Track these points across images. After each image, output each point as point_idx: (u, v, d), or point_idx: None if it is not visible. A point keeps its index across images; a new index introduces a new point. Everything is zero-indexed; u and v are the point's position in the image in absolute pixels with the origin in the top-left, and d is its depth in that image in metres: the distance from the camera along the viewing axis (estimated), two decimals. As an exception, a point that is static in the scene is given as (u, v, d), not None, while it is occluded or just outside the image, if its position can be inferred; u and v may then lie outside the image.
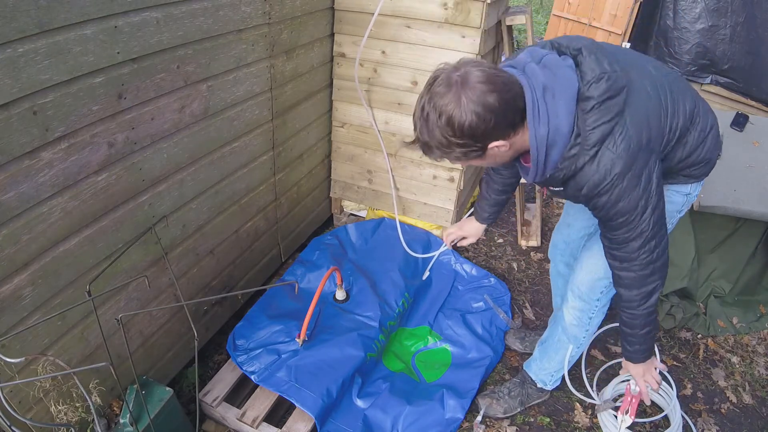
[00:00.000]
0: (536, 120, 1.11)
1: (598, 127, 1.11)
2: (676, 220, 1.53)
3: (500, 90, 1.05)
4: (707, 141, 1.35)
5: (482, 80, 1.04)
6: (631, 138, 1.13)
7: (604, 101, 1.10)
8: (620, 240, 1.27)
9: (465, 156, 1.13)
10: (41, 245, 1.25)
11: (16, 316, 1.23)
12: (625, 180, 1.15)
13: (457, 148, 1.10)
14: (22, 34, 1.06)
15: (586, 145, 1.12)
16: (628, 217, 1.21)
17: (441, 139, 1.09)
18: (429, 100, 1.08)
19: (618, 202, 1.18)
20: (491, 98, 1.04)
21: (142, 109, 1.43)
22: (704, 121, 1.34)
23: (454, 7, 2.10)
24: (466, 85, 1.04)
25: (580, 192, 1.20)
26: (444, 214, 2.57)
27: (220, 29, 1.63)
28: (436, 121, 1.06)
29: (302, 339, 1.87)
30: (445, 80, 1.06)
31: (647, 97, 1.20)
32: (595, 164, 1.14)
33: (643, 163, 1.16)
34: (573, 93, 1.11)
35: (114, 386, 1.57)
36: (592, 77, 1.11)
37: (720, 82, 2.59)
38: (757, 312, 2.51)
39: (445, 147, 1.10)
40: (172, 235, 1.70)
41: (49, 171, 1.21)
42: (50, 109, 1.17)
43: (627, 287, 1.36)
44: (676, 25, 2.64)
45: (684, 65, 2.63)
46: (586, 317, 1.70)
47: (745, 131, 2.43)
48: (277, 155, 2.18)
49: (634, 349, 1.50)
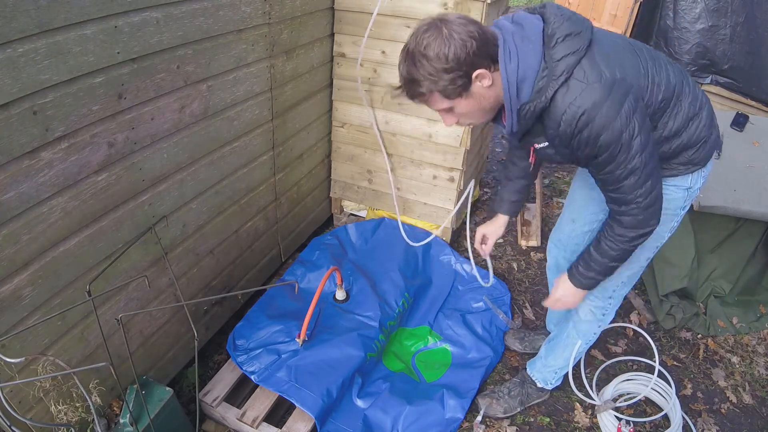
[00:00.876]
0: (506, 56, 1.16)
1: (563, 57, 1.14)
2: (680, 217, 1.51)
3: (477, 25, 1.14)
4: (701, 116, 1.35)
5: (461, 17, 1.13)
6: (603, 72, 1.15)
7: (567, 36, 1.15)
8: (612, 179, 1.26)
9: (452, 84, 1.13)
10: (41, 245, 1.25)
11: (16, 316, 1.23)
12: (604, 109, 1.13)
13: (445, 75, 1.11)
14: (22, 34, 1.06)
15: (553, 76, 1.15)
16: (613, 150, 1.18)
17: (429, 68, 1.11)
18: (414, 39, 1.13)
19: (599, 135, 1.16)
20: (471, 27, 1.12)
21: (142, 109, 1.43)
22: (695, 93, 1.35)
23: (454, 8, 2.10)
24: (446, 21, 1.11)
25: (559, 129, 1.19)
26: (444, 214, 2.57)
27: (220, 29, 1.63)
28: (422, 51, 1.10)
29: (302, 339, 1.87)
30: (426, 22, 1.13)
31: (618, 47, 1.24)
32: (567, 93, 1.14)
33: (621, 96, 1.15)
34: (539, 33, 1.18)
35: (114, 386, 1.57)
36: (555, 21, 1.18)
37: (720, 82, 2.59)
38: (757, 312, 2.51)
39: (432, 77, 1.12)
40: (172, 235, 1.70)
41: (49, 171, 1.21)
42: (50, 109, 1.17)
43: (626, 227, 1.34)
44: (676, 25, 2.64)
45: (684, 65, 2.63)
46: (600, 313, 1.71)
47: (745, 131, 2.43)
48: (277, 155, 2.18)
49: (588, 274, 1.46)
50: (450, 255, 2.49)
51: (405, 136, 2.45)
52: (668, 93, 1.28)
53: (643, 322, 2.46)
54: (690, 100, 1.32)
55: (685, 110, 1.32)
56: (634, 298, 2.59)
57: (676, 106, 1.31)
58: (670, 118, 1.31)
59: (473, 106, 1.21)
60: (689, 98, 1.32)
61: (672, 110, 1.31)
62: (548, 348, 1.92)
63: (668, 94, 1.28)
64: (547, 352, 1.92)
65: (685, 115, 1.32)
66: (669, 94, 1.28)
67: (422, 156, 2.47)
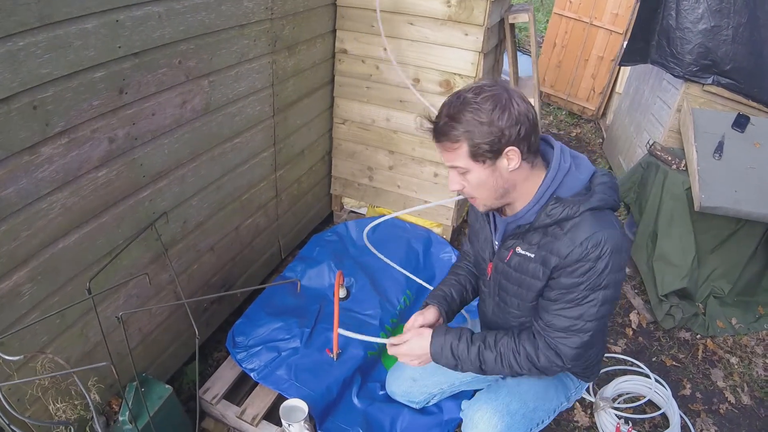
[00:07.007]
0: (562, 157, 1.19)
1: (604, 197, 1.16)
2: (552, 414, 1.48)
3: (534, 113, 1.13)
4: None
5: (525, 98, 1.13)
6: (624, 241, 1.16)
7: (611, 191, 1.19)
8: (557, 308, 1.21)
9: (484, 145, 1.09)
10: (41, 241, 1.23)
11: (15, 313, 1.22)
12: (613, 257, 1.12)
13: (484, 132, 1.08)
14: (23, 28, 1.04)
15: (591, 201, 1.14)
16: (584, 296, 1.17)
17: (475, 119, 1.08)
18: (474, 89, 1.11)
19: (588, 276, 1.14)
20: (531, 110, 1.11)
21: (144, 104, 1.42)
22: None
23: (458, 5, 2.09)
24: (511, 92, 1.11)
25: (557, 249, 1.15)
26: (445, 212, 2.56)
27: (222, 24, 1.61)
28: (478, 102, 1.08)
29: (336, 353, 1.84)
30: (492, 83, 1.14)
31: None
32: (593, 224, 1.13)
33: (623, 264, 1.17)
34: (591, 169, 1.22)
35: (113, 384, 1.55)
36: (604, 175, 1.22)
37: (722, 82, 2.57)
38: (756, 313, 2.51)
39: (473, 128, 1.08)
40: (172, 232, 1.68)
41: (49, 166, 1.20)
42: (50, 103, 1.15)
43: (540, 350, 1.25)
44: (678, 25, 2.63)
45: (686, 65, 2.62)
46: None
47: (746, 132, 2.43)
48: (278, 152, 2.16)
49: (454, 354, 1.30)
50: (450, 253, 2.48)
51: (406, 133, 2.44)
52: None
53: (643, 321, 2.47)
54: None
55: None
56: (633, 298, 2.60)
57: None
58: None
59: (488, 180, 1.15)
60: None
61: None
62: None
63: None
64: None
65: None
66: None
67: (423, 154, 2.46)
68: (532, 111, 1.11)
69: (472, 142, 1.10)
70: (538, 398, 1.41)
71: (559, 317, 1.21)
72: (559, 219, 1.15)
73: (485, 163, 1.13)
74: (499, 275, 1.34)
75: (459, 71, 2.22)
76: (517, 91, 1.12)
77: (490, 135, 1.08)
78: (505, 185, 1.17)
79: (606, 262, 1.12)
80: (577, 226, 1.14)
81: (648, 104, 3.24)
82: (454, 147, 1.12)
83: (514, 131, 1.08)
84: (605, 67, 4.48)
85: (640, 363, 2.16)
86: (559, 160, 1.18)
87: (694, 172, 2.28)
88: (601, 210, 1.15)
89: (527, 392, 1.41)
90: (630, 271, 2.77)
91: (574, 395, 1.51)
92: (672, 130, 2.78)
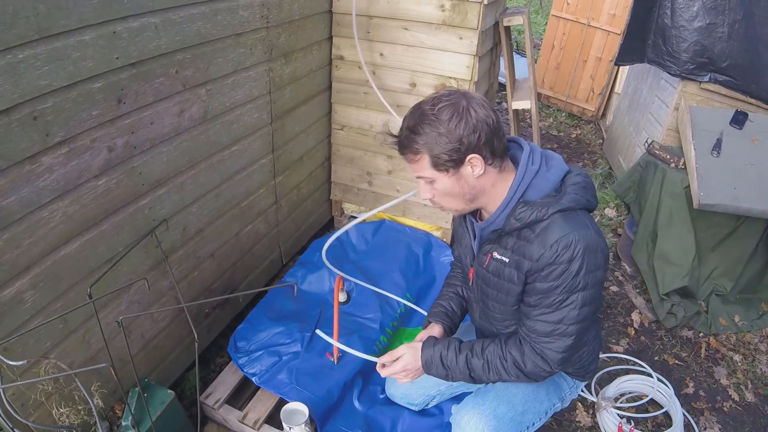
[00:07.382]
0: (530, 160, 1.18)
1: (576, 197, 1.15)
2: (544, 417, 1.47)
3: (497, 116, 1.12)
4: None
5: (485, 102, 1.12)
6: (599, 240, 1.14)
7: (584, 191, 1.17)
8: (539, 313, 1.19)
9: (445, 155, 1.10)
10: (42, 249, 1.26)
11: (17, 320, 1.24)
12: (586, 257, 1.11)
13: (443, 143, 1.09)
14: (22, 40, 1.07)
15: (561, 203, 1.13)
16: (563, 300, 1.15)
17: (433, 130, 1.09)
18: (431, 99, 1.12)
19: (563, 278, 1.12)
20: (491, 115, 1.11)
21: (142, 113, 1.44)
22: None
23: (451, 9, 2.11)
24: (470, 98, 1.11)
25: (529, 253, 1.14)
26: (443, 215, 2.57)
27: (218, 33, 1.64)
28: (435, 113, 1.09)
29: (336, 357, 1.87)
30: (450, 90, 1.13)
31: None
32: (564, 225, 1.11)
33: (599, 263, 1.14)
34: (564, 169, 1.21)
35: (116, 389, 1.57)
36: (578, 175, 1.21)
37: (719, 80, 2.58)
38: (758, 310, 2.50)
39: (431, 140, 1.10)
40: (172, 239, 1.70)
41: (49, 175, 1.22)
42: (50, 114, 1.18)
43: (526, 356, 1.23)
44: (673, 23, 2.64)
45: (682, 63, 2.62)
46: None
47: (744, 129, 2.42)
48: (277, 158, 2.19)
49: (443, 364, 1.30)
50: (450, 256, 2.49)
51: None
52: None
53: (645, 321, 2.46)
54: None
55: None
56: (635, 297, 2.59)
57: None
58: None
59: (454, 187, 1.16)
60: None
61: None
62: None
63: None
64: None
65: None
66: None
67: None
68: (492, 116, 1.11)
69: (432, 153, 1.11)
70: (527, 401, 1.40)
71: (541, 322, 1.20)
72: (528, 222, 1.15)
73: (449, 171, 1.14)
74: (480, 280, 1.34)
75: (455, 75, 2.24)
76: (478, 98, 1.11)
77: (449, 144, 1.09)
78: (473, 191, 1.18)
79: (580, 263, 1.11)
80: (546, 229, 1.13)
81: (646, 103, 3.25)
82: (416, 159, 1.14)
83: (473, 138, 1.09)
84: (604, 68, 4.49)
85: (642, 362, 2.15)
86: (527, 162, 1.18)
87: (693, 170, 2.28)
88: (573, 211, 1.14)
89: (515, 395, 1.40)
90: (631, 270, 2.76)
91: (570, 395, 1.51)
92: (670, 128, 2.78)
